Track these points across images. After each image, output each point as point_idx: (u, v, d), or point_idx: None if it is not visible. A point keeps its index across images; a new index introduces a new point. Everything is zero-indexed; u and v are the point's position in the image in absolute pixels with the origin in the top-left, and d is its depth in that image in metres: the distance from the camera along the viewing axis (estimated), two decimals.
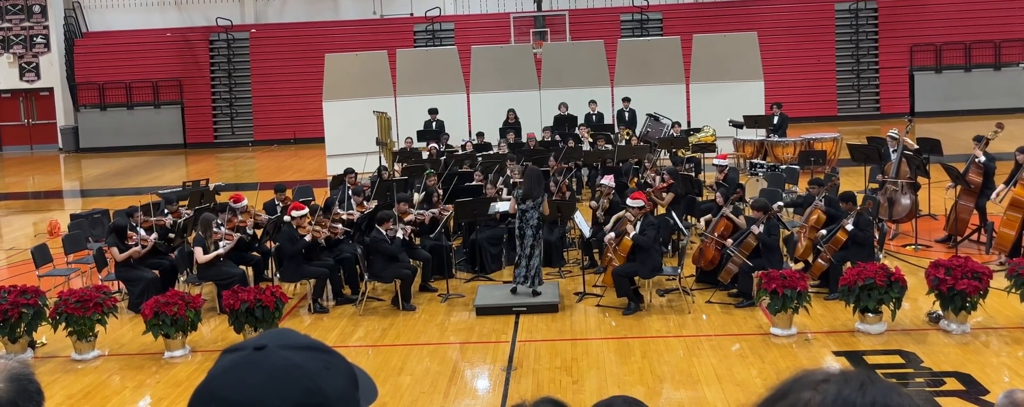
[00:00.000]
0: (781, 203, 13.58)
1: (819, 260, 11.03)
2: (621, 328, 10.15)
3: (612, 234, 10.94)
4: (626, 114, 21.25)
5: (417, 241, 12.24)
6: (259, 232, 12.83)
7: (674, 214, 12.24)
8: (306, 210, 11.67)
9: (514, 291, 11.10)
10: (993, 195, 12.43)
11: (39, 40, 31.13)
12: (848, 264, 10.37)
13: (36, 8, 31.03)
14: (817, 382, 1.29)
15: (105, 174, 25.41)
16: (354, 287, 11.74)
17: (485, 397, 8.63)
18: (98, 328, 9.90)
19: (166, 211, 13.14)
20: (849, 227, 10.69)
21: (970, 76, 28.66)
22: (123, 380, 9.28)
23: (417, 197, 13.36)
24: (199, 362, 9.66)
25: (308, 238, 11.27)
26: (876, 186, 13.91)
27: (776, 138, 19.63)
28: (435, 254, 12.07)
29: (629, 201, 10.87)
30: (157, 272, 11.64)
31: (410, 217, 12.14)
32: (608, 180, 12.85)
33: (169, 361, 9.70)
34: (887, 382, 1.30)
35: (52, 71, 31.09)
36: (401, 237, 11.30)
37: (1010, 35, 28.44)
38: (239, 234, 11.81)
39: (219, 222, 11.67)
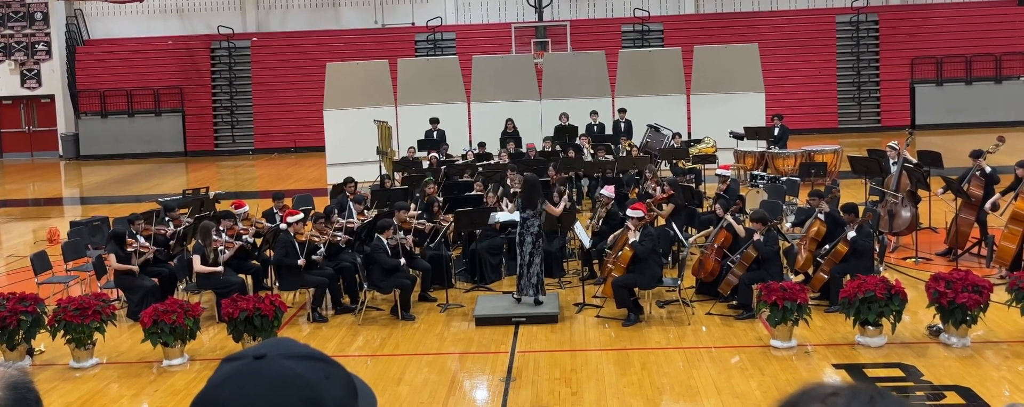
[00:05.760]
0: (789, 223, 13.55)
1: (819, 272, 11.01)
2: (621, 339, 10.13)
3: (618, 253, 10.89)
4: (622, 125, 21.27)
5: (418, 250, 12.23)
6: (259, 241, 12.82)
7: (674, 225, 12.23)
8: (301, 215, 11.68)
9: (518, 300, 11.08)
10: (987, 204, 12.42)
11: (40, 47, 31.17)
12: (848, 277, 10.35)
13: (38, 15, 31.08)
14: (826, 395, 1.27)
15: (105, 181, 25.41)
16: (353, 296, 11.72)
17: None
18: (96, 336, 9.88)
19: (166, 219, 13.13)
20: (851, 235, 10.66)
21: (971, 89, 28.70)
22: (121, 388, 9.26)
23: (414, 210, 13.32)
24: (197, 370, 9.64)
25: (308, 252, 11.24)
26: (876, 198, 13.89)
27: (777, 150, 19.65)
28: (435, 264, 12.05)
29: (629, 211, 10.87)
30: (156, 280, 11.63)
31: (413, 222, 12.12)
32: (608, 191, 12.84)
33: (167, 369, 9.68)
34: (896, 397, 1.29)
35: (53, 78, 31.13)
36: (401, 240, 11.27)
37: (1011, 48, 28.49)
38: (240, 242, 11.80)
39: (220, 229, 11.66)
